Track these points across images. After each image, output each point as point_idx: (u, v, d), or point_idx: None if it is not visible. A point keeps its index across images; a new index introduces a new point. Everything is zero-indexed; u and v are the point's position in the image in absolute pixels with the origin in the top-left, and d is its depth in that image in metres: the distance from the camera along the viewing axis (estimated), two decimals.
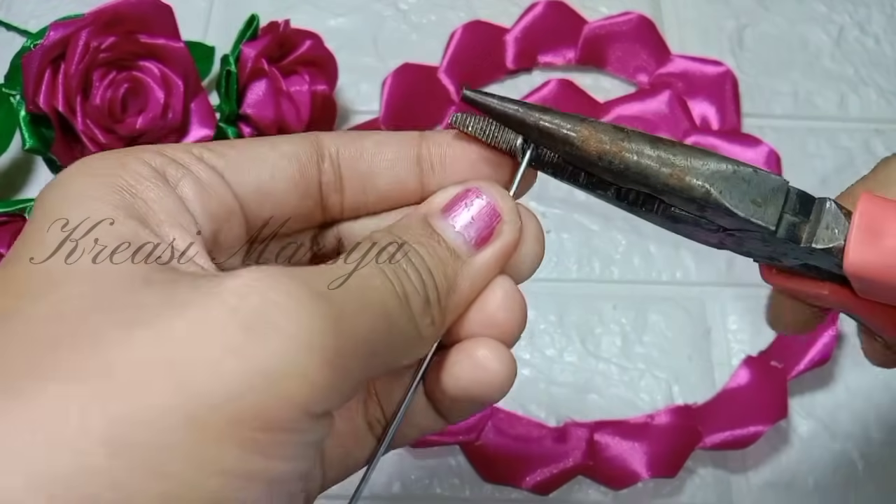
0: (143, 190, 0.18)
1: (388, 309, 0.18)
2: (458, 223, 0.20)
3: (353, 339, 0.17)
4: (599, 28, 0.51)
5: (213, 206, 0.19)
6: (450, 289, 0.20)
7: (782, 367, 0.42)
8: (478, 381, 0.21)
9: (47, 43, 0.36)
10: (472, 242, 0.20)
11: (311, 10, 0.53)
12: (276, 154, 0.21)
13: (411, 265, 0.19)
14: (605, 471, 0.40)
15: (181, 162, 0.19)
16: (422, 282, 0.19)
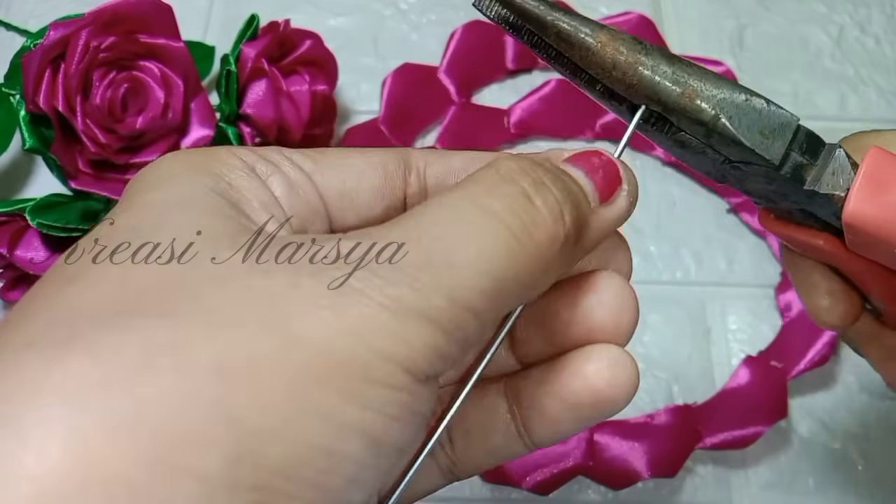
0: (236, 179, 0.18)
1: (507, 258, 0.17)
2: (585, 171, 0.20)
3: (454, 299, 0.16)
4: None
5: (299, 205, 0.19)
6: (583, 227, 0.18)
7: (782, 366, 0.42)
8: (601, 398, 0.20)
9: (47, 42, 0.36)
10: (598, 194, 0.19)
11: (311, 10, 0.53)
12: (364, 162, 0.21)
13: (547, 192, 0.18)
14: (605, 471, 0.40)
15: (271, 160, 0.19)
16: (559, 212, 0.18)
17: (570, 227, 0.18)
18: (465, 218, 0.17)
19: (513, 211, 0.17)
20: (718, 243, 0.47)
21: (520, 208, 0.17)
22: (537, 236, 0.17)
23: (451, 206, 0.17)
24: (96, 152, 0.38)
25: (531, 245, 0.17)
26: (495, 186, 0.18)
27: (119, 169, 0.40)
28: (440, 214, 0.17)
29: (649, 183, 0.48)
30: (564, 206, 0.18)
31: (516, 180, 0.18)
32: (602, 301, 0.20)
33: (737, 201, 0.47)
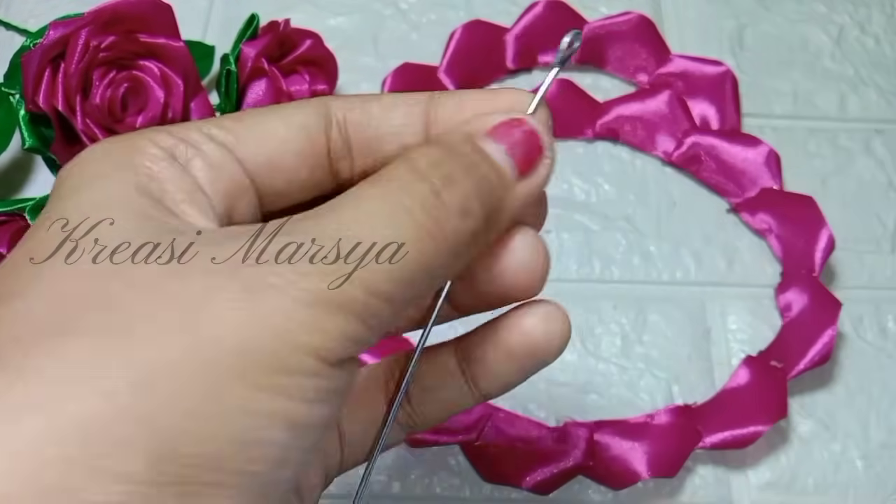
0: (158, 170, 0.19)
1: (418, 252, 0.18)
2: (504, 146, 0.20)
3: (369, 289, 0.17)
4: (599, 28, 0.51)
5: (224, 185, 0.20)
6: (495, 211, 0.19)
7: (782, 366, 0.42)
8: (538, 348, 0.22)
9: (47, 42, 0.36)
10: (517, 168, 0.20)
11: (311, 10, 0.53)
12: (285, 126, 0.21)
13: (454, 189, 0.19)
14: (605, 471, 0.40)
15: (191, 142, 0.19)
16: (466, 207, 0.19)
17: (479, 219, 0.19)
18: (379, 213, 0.18)
19: (423, 207, 0.18)
20: (718, 243, 0.47)
21: (430, 205, 0.18)
22: (447, 229, 0.18)
23: (366, 200, 0.18)
24: None
25: (441, 238, 0.18)
26: (408, 184, 0.18)
27: None
28: (355, 210, 0.18)
29: (649, 183, 0.48)
30: (474, 200, 0.19)
31: (428, 177, 0.19)
32: (517, 260, 0.21)
33: (737, 201, 0.47)
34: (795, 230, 0.45)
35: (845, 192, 0.49)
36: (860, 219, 0.48)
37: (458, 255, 0.19)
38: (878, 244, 0.47)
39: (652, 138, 0.49)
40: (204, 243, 0.17)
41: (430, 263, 0.18)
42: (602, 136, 0.49)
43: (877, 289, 0.46)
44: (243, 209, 0.20)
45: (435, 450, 0.41)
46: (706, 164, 0.48)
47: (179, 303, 0.16)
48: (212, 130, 0.20)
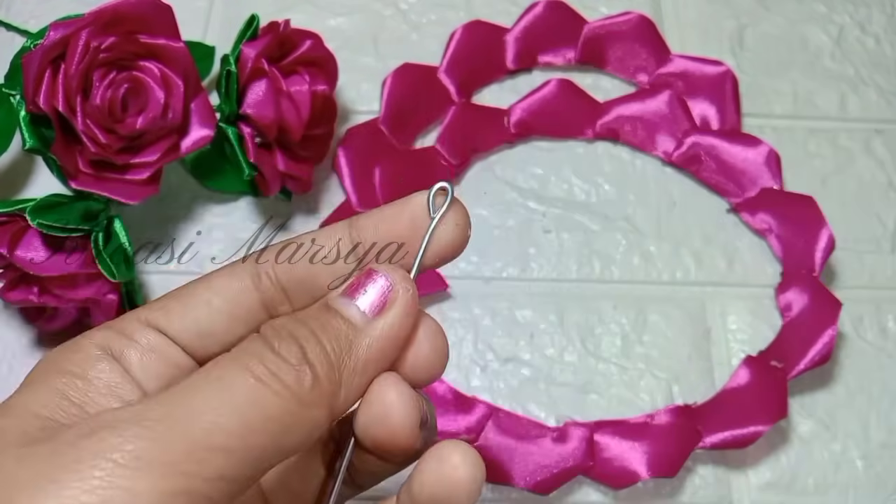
0: (89, 369, 0.21)
1: (252, 403, 0.19)
2: (356, 300, 0.21)
3: (199, 445, 0.18)
4: (599, 28, 0.51)
5: (157, 367, 0.22)
6: (343, 353, 0.20)
7: (782, 366, 0.42)
8: (449, 489, 0.21)
9: (47, 43, 0.36)
10: (369, 313, 0.21)
11: (312, 10, 0.53)
12: (210, 293, 0.22)
13: (291, 342, 0.20)
14: (605, 471, 0.40)
15: (126, 334, 0.22)
16: (301, 355, 0.20)
17: (317, 365, 0.20)
18: (217, 373, 0.19)
19: (260, 361, 0.19)
20: (718, 243, 0.47)
21: (266, 359, 0.19)
22: (284, 379, 0.19)
23: (210, 366, 0.20)
24: (96, 152, 0.38)
25: (278, 387, 0.19)
26: (251, 346, 0.20)
27: (119, 169, 0.39)
28: (198, 375, 0.19)
29: (650, 183, 0.48)
30: (309, 348, 0.20)
31: (268, 338, 0.20)
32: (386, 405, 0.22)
33: (737, 201, 0.47)
34: (795, 230, 0.45)
35: (845, 192, 0.48)
36: (860, 219, 0.48)
37: (305, 404, 0.19)
38: (878, 244, 0.47)
39: (652, 138, 0.49)
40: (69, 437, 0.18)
41: (270, 414, 0.19)
42: (602, 136, 0.49)
43: (877, 289, 0.46)
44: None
45: None
46: (706, 164, 0.48)
47: (14, 489, 0.17)
48: (148, 316, 0.22)
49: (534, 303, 0.45)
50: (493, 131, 0.49)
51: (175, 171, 0.47)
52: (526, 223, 0.47)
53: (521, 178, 0.48)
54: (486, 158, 0.49)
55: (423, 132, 0.49)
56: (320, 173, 0.47)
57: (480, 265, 0.46)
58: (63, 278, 0.38)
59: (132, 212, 0.46)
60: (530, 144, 0.49)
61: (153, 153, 0.40)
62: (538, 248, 0.46)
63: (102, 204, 0.40)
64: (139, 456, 0.17)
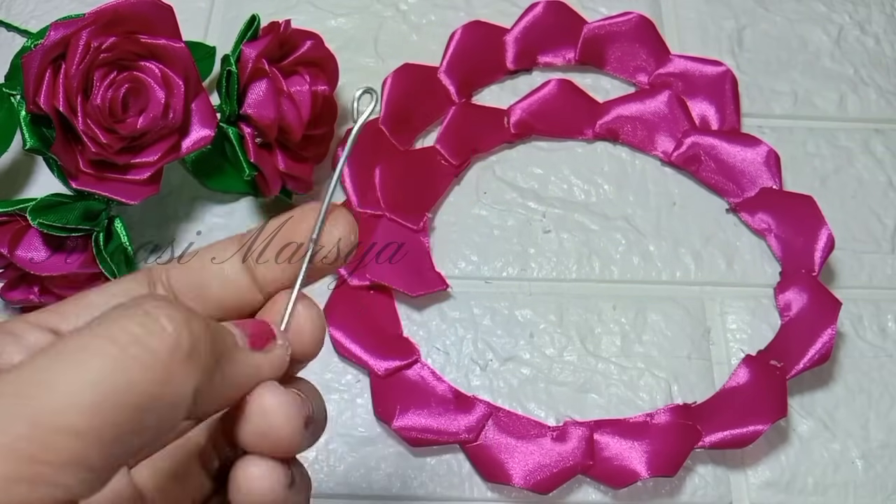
0: None
1: (111, 373, 0.17)
2: (239, 328, 0.21)
3: (43, 425, 0.16)
4: (599, 28, 0.51)
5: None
6: (223, 353, 0.19)
7: (782, 366, 0.42)
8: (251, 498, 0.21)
9: (48, 43, 0.36)
10: (248, 341, 0.21)
11: (312, 11, 0.53)
12: (105, 297, 0.22)
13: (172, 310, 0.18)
14: (605, 470, 0.40)
15: (14, 332, 0.20)
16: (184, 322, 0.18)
17: (192, 339, 0.18)
18: (71, 342, 0.17)
19: (124, 328, 0.17)
20: (718, 243, 0.47)
21: (134, 323, 0.17)
22: (152, 344, 0.17)
23: (64, 337, 0.17)
24: (97, 152, 0.38)
25: (143, 354, 0.17)
26: (113, 316, 0.18)
27: (120, 169, 0.40)
28: (50, 346, 0.17)
29: (649, 183, 0.48)
30: (188, 320, 0.18)
31: (140, 303, 0.18)
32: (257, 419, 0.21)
33: (736, 201, 0.47)
34: (795, 230, 0.45)
35: (845, 192, 0.49)
36: (859, 219, 0.48)
37: (172, 374, 0.17)
38: (877, 244, 0.47)
39: (651, 138, 0.49)
40: None
41: (133, 383, 0.17)
42: (602, 136, 0.49)
43: (876, 288, 0.46)
44: None
45: (435, 450, 0.42)
46: (706, 164, 0.48)
47: None
48: (38, 318, 0.21)
49: (534, 302, 0.45)
50: (493, 131, 0.49)
51: (175, 171, 0.47)
52: (526, 223, 0.47)
53: (520, 178, 0.48)
54: (486, 158, 0.49)
55: (423, 132, 0.49)
56: (320, 173, 0.47)
57: (480, 265, 0.46)
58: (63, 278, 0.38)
59: (133, 212, 0.46)
60: (530, 144, 0.49)
61: (154, 153, 0.40)
62: (538, 248, 0.46)
63: (103, 204, 0.40)
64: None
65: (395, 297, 0.45)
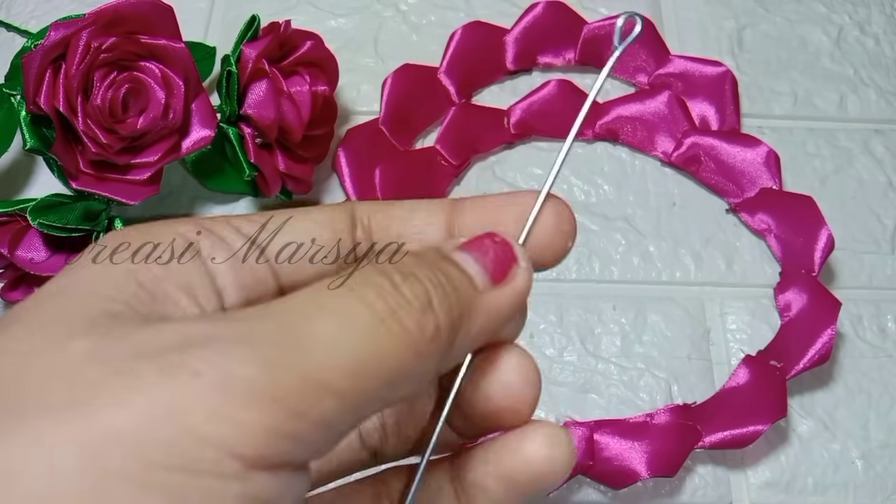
0: (170, 264, 0.19)
1: (373, 342, 0.16)
2: (477, 257, 0.20)
3: (309, 378, 0.15)
4: (599, 29, 0.51)
5: (243, 279, 0.20)
6: (464, 314, 0.18)
7: (782, 366, 0.42)
8: (541, 475, 0.20)
9: (48, 43, 0.37)
10: (489, 277, 0.19)
11: (312, 11, 0.53)
12: (310, 223, 0.21)
13: (415, 282, 0.18)
14: (605, 470, 0.40)
15: (219, 234, 0.20)
16: (427, 300, 0.18)
17: (441, 315, 0.18)
18: (331, 299, 0.17)
19: (379, 296, 0.17)
20: (717, 243, 0.47)
21: (387, 294, 0.17)
22: (405, 322, 0.17)
23: (320, 289, 0.17)
24: (97, 153, 0.38)
25: (398, 329, 0.17)
26: (367, 276, 0.18)
27: (120, 169, 0.40)
28: (309, 296, 0.17)
29: (649, 183, 0.48)
30: (435, 294, 0.18)
31: (388, 272, 0.18)
32: (504, 381, 0.20)
33: (736, 201, 0.47)
34: (795, 230, 0.45)
35: (845, 192, 0.49)
36: (860, 219, 0.48)
37: (420, 355, 0.17)
38: (877, 244, 0.47)
39: (651, 139, 0.49)
40: (150, 331, 0.16)
41: (385, 356, 0.16)
42: (602, 136, 0.49)
43: (876, 289, 0.46)
44: (262, 300, 0.20)
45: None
46: (705, 164, 0.48)
47: (88, 389, 0.14)
48: (241, 225, 0.20)
49: (534, 303, 0.45)
50: (493, 132, 0.49)
51: (176, 171, 0.47)
52: None
53: (520, 179, 0.48)
54: (485, 159, 0.49)
55: (423, 133, 0.49)
56: (321, 174, 0.47)
57: None
58: None
59: (133, 212, 0.46)
60: (530, 145, 0.49)
61: (154, 153, 0.40)
62: None
63: (103, 204, 0.40)
64: (248, 382, 0.15)
65: None
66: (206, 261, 0.19)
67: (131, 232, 0.19)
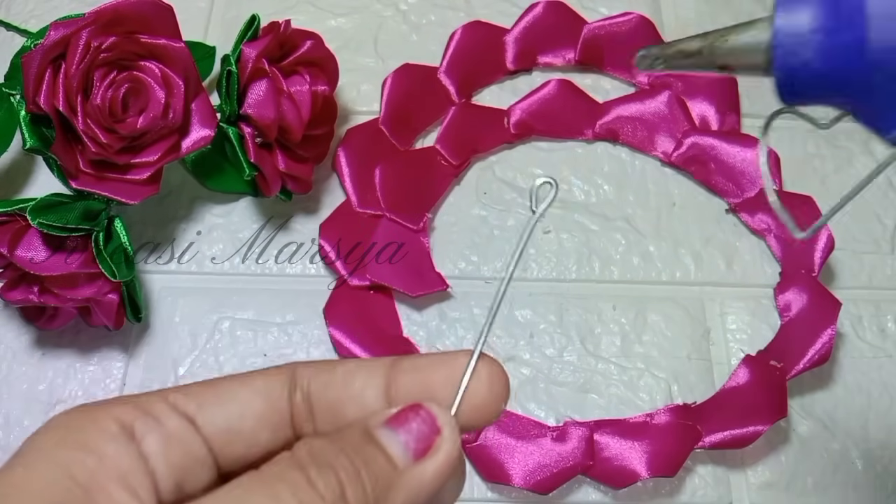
0: (103, 446, 0.19)
1: None
2: (400, 434, 0.20)
3: None
4: (599, 28, 0.51)
5: (177, 458, 0.20)
6: (381, 497, 0.19)
7: (781, 366, 0.42)
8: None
9: (48, 42, 0.36)
10: (411, 453, 0.20)
11: (312, 11, 0.53)
12: (247, 391, 0.21)
13: (330, 475, 0.19)
14: (605, 470, 0.40)
15: (153, 414, 0.20)
16: (339, 493, 0.19)
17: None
18: (246, 498, 0.18)
19: (294, 494, 0.18)
20: (717, 243, 0.47)
21: (300, 489, 0.18)
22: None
23: (237, 488, 0.18)
24: (97, 152, 0.38)
25: None
26: (284, 471, 0.19)
27: (120, 169, 0.40)
28: (225, 496, 0.18)
29: (649, 183, 0.48)
30: (349, 485, 0.19)
31: (304, 465, 0.19)
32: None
33: (736, 201, 0.47)
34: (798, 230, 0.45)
35: (845, 192, 0.48)
36: (860, 219, 0.48)
37: None
38: (877, 244, 0.47)
39: (651, 139, 0.49)
40: None
41: None
42: (602, 136, 0.49)
43: (876, 289, 0.46)
44: (197, 478, 0.20)
45: None
46: (705, 164, 0.48)
47: None
48: (177, 399, 0.21)
49: (533, 303, 0.45)
50: (493, 131, 0.49)
51: (175, 170, 0.47)
52: (525, 223, 0.47)
53: (520, 178, 0.48)
54: (486, 158, 0.49)
55: (423, 132, 0.49)
56: (321, 173, 0.47)
57: (480, 265, 0.46)
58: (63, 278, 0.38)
59: (133, 211, 0.46)
60: (530, 145, 0.49)
61: (154, 153, 0.40)
62: (538, 248, 0.46)
63: (103, 204, 0.40)
64: None
65: (395, 297, 0.45)
66: (139, 443, 0.20)
67: (70, 417, 0.20)
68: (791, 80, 0.21)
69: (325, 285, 0.45)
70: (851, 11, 0.19)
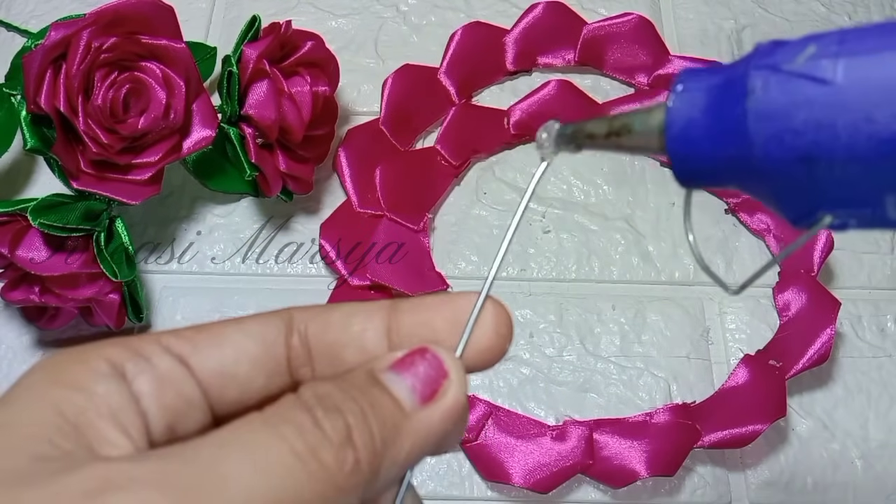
0: (93, 385, 0.19)
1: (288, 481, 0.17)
2: (406, 378, 0.20)
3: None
4: (598, 29, 0.51)
5: (169, 399, 0.20)
6: (388, 440, 0.19)
7: (781, 365, 0.42)
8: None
9: (48, 43, 0.37)
10: (418, 397, 0.20)
11: (313, 12, 0.53)
12: (241, 335, 0.21)
13: (337, 417, 0.18)
14: (605, 469, 0.40)
15: (144, 354, 0.20)
16: (346, 434, 0.18)
17: (361, 449, 0.18)
18: (252, 439, 0.17)
19: (299, 434, 0.18)
20: (717, 243, 0.47)
21: (307, 432, 0.18)
22: (324, 459, 0.17)
23: (242, 427, 0.18)
24: (98, 153, 0.38)
25: (316, 467, 0.17)
26: (289, 411, 0.18)
27: (121, 169, 0.40)
28: (230, 435, 0.18)
29: (649, 183, 0.48)
30: (356, 427, 0.18)
31: (310, 407, 0.18)
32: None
33: (735, 202, 0.47)
34: (794, 230, 0.45)
35: None
36: None
37: (341, 490, 0.18)
38: (876, 244, 0.47)
39: None
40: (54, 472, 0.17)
41: (302, 493, 0.17)
42: None
43: (875, 289, 0.46)
44: (189, 421, 0.20)
45: None
46: None
47: None
48: (170, 341, 0.20)
49: (533, 302, 0.45)
50: (493, 132, 0.49)
51: (176, 171, 0.47)
52: (525, 223, 0.47)
53: (520, 179, 0.48)
54: (485, 159, 0.49)
55: (423, 133, 0.49)
56: (321, 174, 0.47)
57: (480, 265, 0.46)
58: (64, 278, 0.38)
59: (134, 212, 0.46)
60: (530, 145, 0.49)
61: (155, 153, 0.40)
62: (537, 248, 0.46)
63: (104, 204, 0.41)
64: None
65: (396, 297, 0.45)
66: (130, 383, 0.19)
67: (60, 358, 0.19)
68: (682, 164, 0.20)
69: (325, 285, 0.45)
70: (735, 103, 0.19)
